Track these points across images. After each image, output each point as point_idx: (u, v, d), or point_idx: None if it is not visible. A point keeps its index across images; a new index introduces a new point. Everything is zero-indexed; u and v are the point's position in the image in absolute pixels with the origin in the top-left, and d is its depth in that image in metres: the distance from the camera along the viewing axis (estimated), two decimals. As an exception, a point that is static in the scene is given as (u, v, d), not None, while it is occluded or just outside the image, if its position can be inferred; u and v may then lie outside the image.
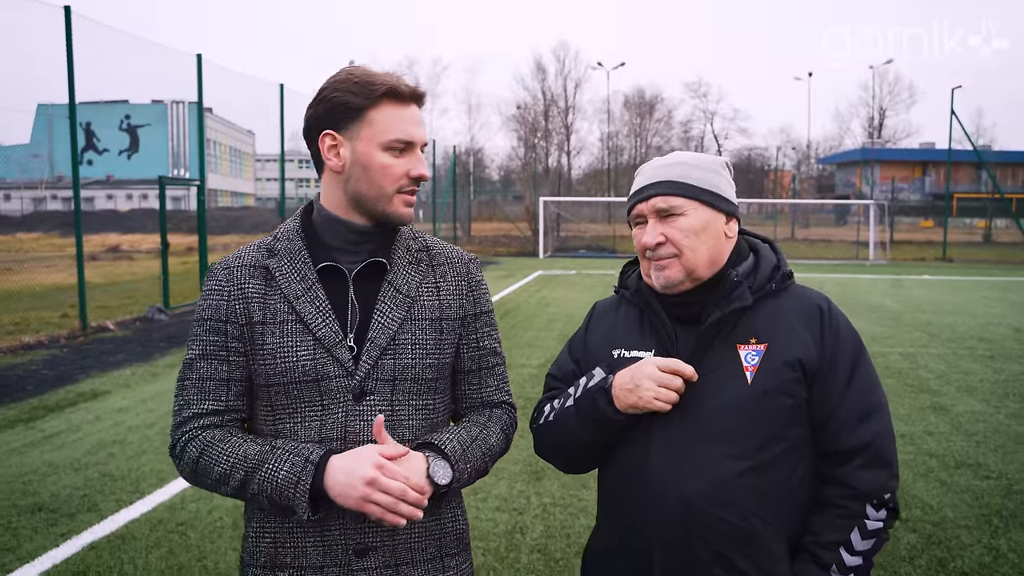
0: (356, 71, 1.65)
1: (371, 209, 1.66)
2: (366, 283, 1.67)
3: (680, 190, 1.74)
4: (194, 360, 1.66)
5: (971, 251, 33.88)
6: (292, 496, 1.55)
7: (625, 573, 1.78)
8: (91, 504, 4.99)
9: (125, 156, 57.77)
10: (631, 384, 1.70)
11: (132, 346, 10.67)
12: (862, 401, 1.72)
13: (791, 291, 1.81)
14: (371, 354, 1.64)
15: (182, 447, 1.64)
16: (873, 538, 1.67)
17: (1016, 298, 17.29)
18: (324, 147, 1.64)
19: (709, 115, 63.35)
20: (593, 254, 33.62)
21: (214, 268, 1.70)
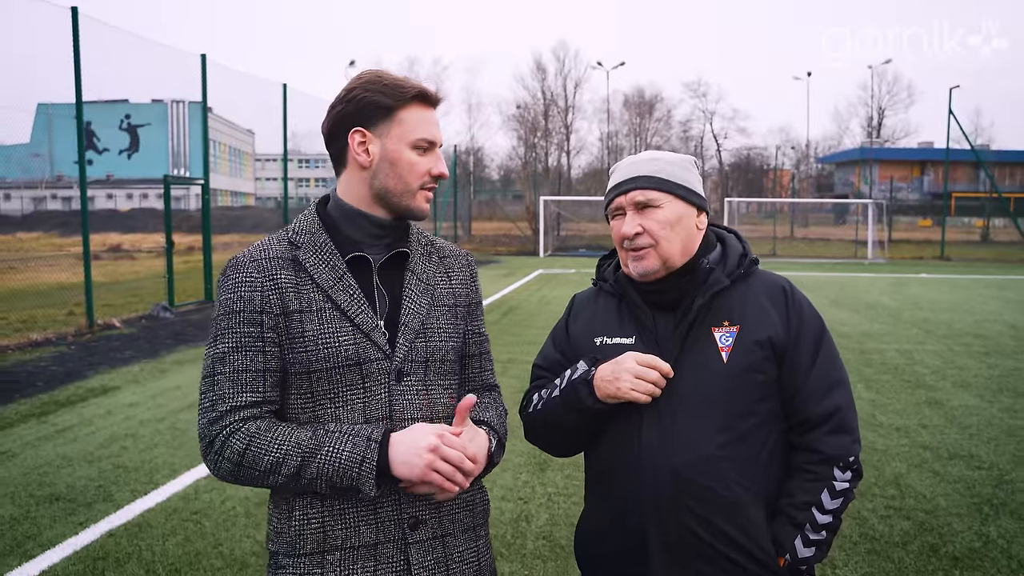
0: (383, 74, 1.76)
1: (395, 203, 1.75)
2: (388, 272, 1.77)
3: (657, 184, 1.89)
4: (226, 353, 1.66)
5: (969, 250, 34.02)
6: (357, 475, 1.60)
7: (619, 550, 1.92)
8: (106, 495, 5.13)
9: (125, 156, 57.82)
10: (611, 376, 1.85)
11: (139, 343, 10.81)
12: (826, 375, 1.89)
13: (756, 275, 1.97)
14: (406, 337, 1.73)
15: (223, 441, 1.64)
16: (841, 497, 1.85)
17: (1012, 296, 17.44)
18: (354, 143, 1.72)
19: (708, 115, 63.58)
20: (593, 253, 33.73)
21: (239, 262, 1.71)
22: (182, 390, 8.03)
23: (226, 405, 1.65)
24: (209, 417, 1.66)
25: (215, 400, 1.66)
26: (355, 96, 1.73)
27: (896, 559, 4.22)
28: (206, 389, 1.68)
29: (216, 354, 1.68)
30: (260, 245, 1.75)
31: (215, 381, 1.67)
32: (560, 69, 63.37)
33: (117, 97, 48.52)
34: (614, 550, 1.92)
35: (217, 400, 1.66)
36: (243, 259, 1.72)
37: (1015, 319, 13.39)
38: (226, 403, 1.65)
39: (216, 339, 1.69)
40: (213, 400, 1.66)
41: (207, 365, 1.69)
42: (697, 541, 1.82)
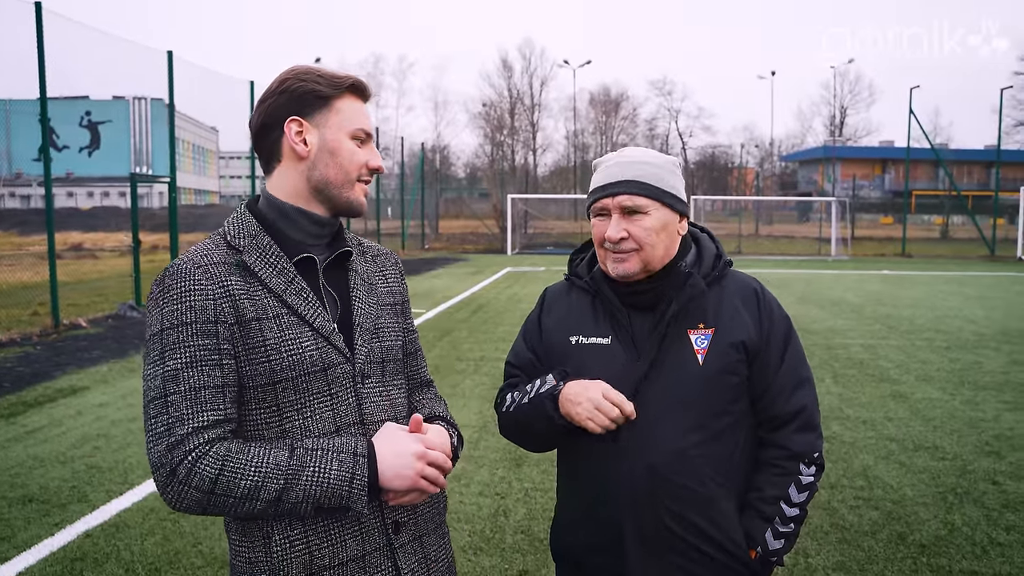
0: (313, 66, 1.71)
1: (334, 196, 1.67)
2: (330, 273, 1.71)
3: (646, 191, 1.89)
4: (179, 370, 1.51)
5: (929, 247, 34.72)
6: (348, 494, 1.54)
7: (594, 543, 1.96)
8: (81, 495, 5.09)
9: (86, 153, 56.86)
10: (575, 398, 1.86)
11: (107, 343, 10.68)
12: (794, 374, 1.95)
13: (729, 276, 2.00)
14: (363, 339, 1.69)
15: (189, 468, 1.48)
16: (807, 491, 1.92)
17: (971, 292, 17.84)
18: (291, 132, 1.64)
19: (674, 113, 64.02)
20: (560, 251, 33.86)
21: (181, 269, 1.56)
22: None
23: (186, 428, 1.49)
24: (166, 443, 1.49)
25: (171, 423, 1.49)
26: (289, 86, 1.66)
27: (866, 547, 4.34)
28: (157, 412, 1.50)
29: (167, 372, 1.51)
30: (199, 250, 1.62)
31: (168, 402, 1.50)
32: (526, 67, 63.48)
33: (77, 93, 47.73)
34: (589, 543, 1.96)
35: (174, 423, 1.49)
36: (185, 265, 1.57)
37: (974, 315, 13.71)
38: (185, 425, 1.49)
39: (163, 355, 1.52)
40: (169, 424, 1.49)
41: (155, 386, 1.52)
42: (672, 535, 1.88)
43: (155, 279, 1.61)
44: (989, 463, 5.76)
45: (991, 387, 8.15)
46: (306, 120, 1.66)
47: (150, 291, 1.61)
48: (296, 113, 1.65)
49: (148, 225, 26.51)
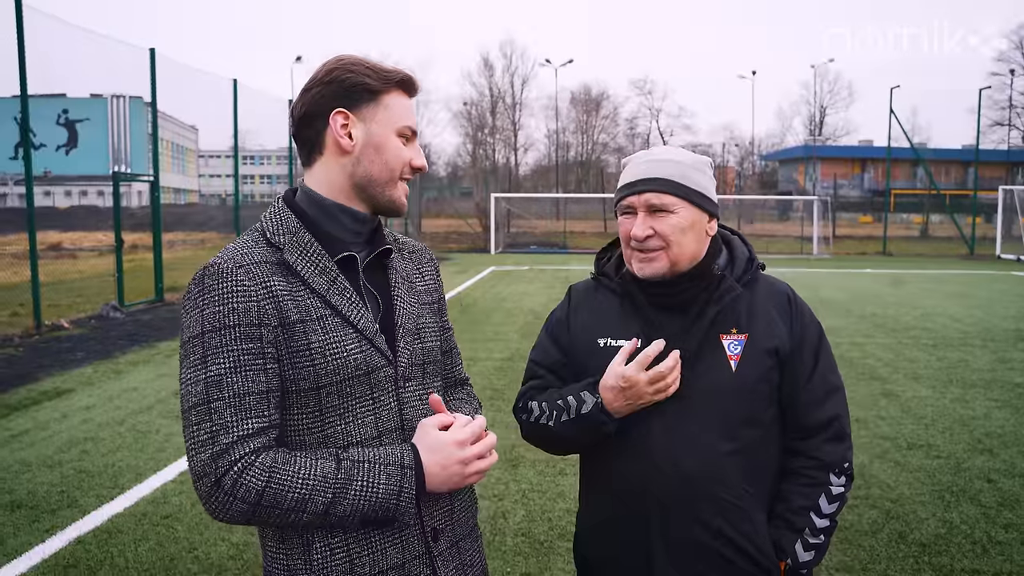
0: (362, 58, 1.65)
1: (376, 194, 1.63)
2: (369, 272, 1.66)
3: (673, 189, 1.84)
4: (223, 376, 1.46)
5: (909, 245, 35.01)
6: (395, 507, 1.51)
7: (621, 551, 1.92)
8: (71, 500, 4.99)
9: (63, 152, 56.08)
10: (627, 401, 1.82)
11: (90, 344, 10.53)
12: (825, 383, 1.92)
13: (760, 281, 1.96)
14: (406, 340, 1.64)
15: (235, 479, 1.43)
16: (838, 502, 1.88)
17: (952, 290, 18.01)
18: (336, 125, 1.58)
19: (655, 112, 64.14)
20: (544, 250, 33.87)
21: (222, 268, 1.50)
22: (139, 391, 7.86)
23: (231, 436, 1.45)
24: (210, 452, 1.44)
25: (215, 432, 1.45)
26: (337, 76, 1.59)
27: (867, 547, 4.34)
28: (200, 420, 1.46)
29: (210, 378, 1.46)
30: (239, 248, 1.56)
31: (212, 409, 1.45)
32: (507, 66, 63.43)
33: (54, 91, 47.07)
34: (616, 551, 1.92)
35: (219, 431, 1.45)
36: (226, 265, 1.51)
37: (957, 312, 13.82)
38: (230, 434, 1.45)
39: (205, 360, 1.47)
40: (213, 432, 1.45)
41: (197, 392, 1.47)
42: (700, 544, 1.84)
43: (193, 278, 1.54)
44: (983, 461, 5.78)
45: (979, 385, 8.20)
46: (353, 113, 1.60)
47: (187, 291, 1.54)
48: (343, 105, 1.59)
49: (127, 224, 26.14)
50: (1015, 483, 5.34)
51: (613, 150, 63.29)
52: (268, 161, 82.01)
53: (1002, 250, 31.01)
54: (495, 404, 7.27)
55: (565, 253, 33.13)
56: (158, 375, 8.63)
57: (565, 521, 4.68)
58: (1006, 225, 32.42)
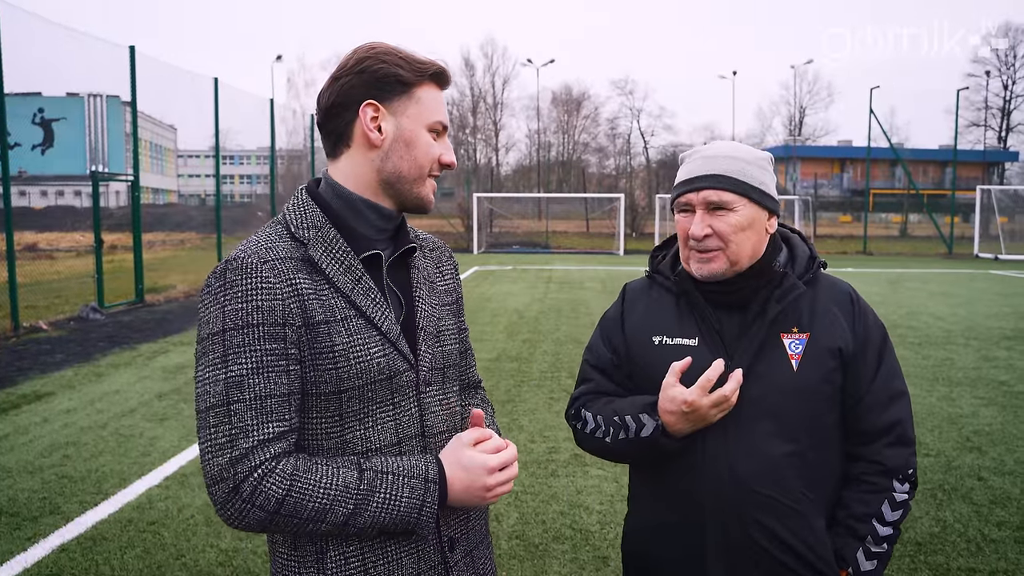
0: (395, 47, 1.57)
1: (404, 191, 1.57)
2: (392, 271, 1.60)
3: (733, 186, 1.79)
4: (244, 376, 1.40)
5: (888, 244, 35.32)
6: (417, 520, 1.47)
7: (675, 554, 1.86)
8: (53, 507, 4.88)
9: (39, 151, 55.46)
10: (690, 424, 1.78)
11: (70, 346, 10.37)
12: (888, 386, 1.85)
13: (822, 280, 1.90)
14: (427, 343, 1.59)
15: (254, 486, 1.38)
16: (901, 509, 1.81)
17: (935, 288, 18.15)
18: (366, 117, 1.52)
19: (635, 112, 64.16)
20: (527, 249, 33.83)
21: (246, 263, 1.44)
22: (122, 394, 7.73)
23: (251, 440, 1.39)
24: (229, 456, 1.38)
25: (235, 435, 1.39)
26: (369, 66, 1.52)
27: (863, 547, 4.31)
28: (218, 422, 1.40)
29: (230, 378, 1.40)
30: (262, 242, 1.49)
31: (232, 411, 1.40)
32: (488, 66, 63.30)
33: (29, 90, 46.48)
34: (670, 553, 1.87)
35: (238, 435, 1.39)
36: (249, 259, 1.45)
37: (939, 311, 13.92)
38: (251, 438, 1.39)
39: (226, 359, 1.41)
40: (232, 435, 1.39)
41: (216, 392, 1.41)
42: (757, 549, 1.78)
43: (214, 272, 1.47)
44: (972, 459, 5.79)
45: (965, 383, 8.23)
46: (383, 106, 1.53)
47: (206, 284, 1.47)
48: (374, 97, 1.53)
49: (106, 225, 25.84)
50: (1005, 480, 5.35)
51: (594, 150, 63.34)
52: (248, 161, 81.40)
53: (980, 249, 31.34)
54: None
55: (548, 253, 33.12)
56: (140, 377, 8.50)
57: (559, 523, 4.63)
58: (983, 224, 32.77)
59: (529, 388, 7.97)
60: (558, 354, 9.75)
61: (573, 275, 22.13)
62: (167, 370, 8.88)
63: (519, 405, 7.28)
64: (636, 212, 42.91)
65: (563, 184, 58.82)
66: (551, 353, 9.82)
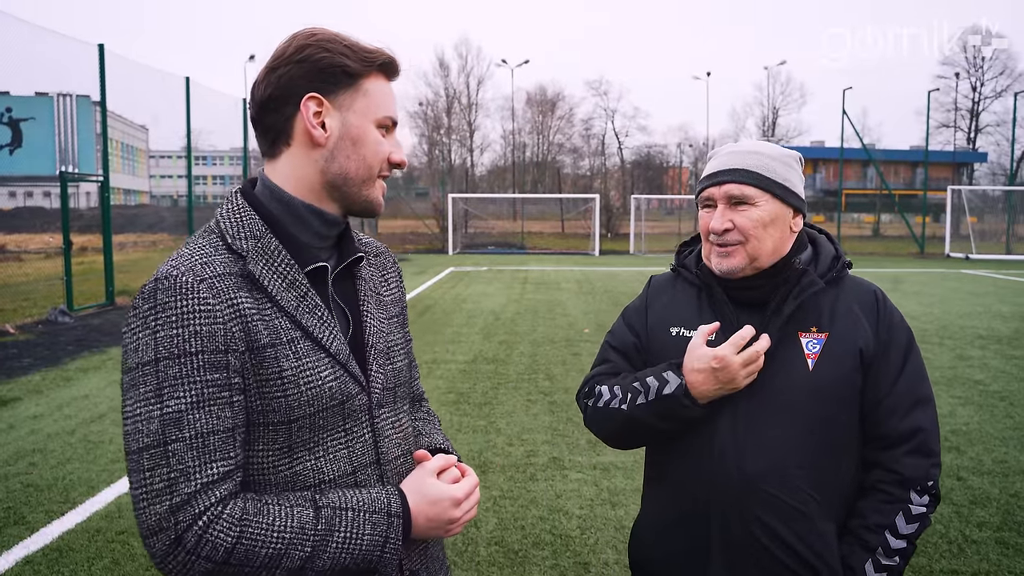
0: (339, 34, 1.42)
1: (351, 193, 1.43)
2: (337, 283, 1.48)
3: (755, 180, 1.76)
4: (183, 412, 1.25)
5: (861, 244, 35.64)
6: (380, 557, 1.37)
7: (680, 554, 1.83)
8: (18, 517, 4.73)
9: (7, 151, 54.63)
10: (717, 385, 1.74)
11: (38, 350, 10.14)
12: (912, 391, 1.79)
13: (847, 280, 1.86)
14: (378, 363, 1.47)
15: (199, 535, 1.24)
16: (917, 522, 1.74)
17: (908, 288, 18.31)
18: (308, 112, 1.37)
19: (610, 113, 64.32)
20: (502, 250, 33.77)
21: (179, 282, 1.28)
22: (91, 399, 7.55)
23: (193, 484, 1.24)
24: (169, 504, 1.23)
25: (174, 479, 1.24)
26: (310, 55, 1.37)
27: (846, 550, 4.28)
28: (154, 464, 1.24)
29: (166, 415, 1.25)
30: (196, 256, 1.33)
31: (169, 452, 1.24)
32: (463, 66, 63.24)
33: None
34: (675, 553, 1.85)
35: (178, 479, 1.24)
36: (183, 278, 1.28)
37: (913, 310, 14.02)
38: (192, 481, 1.24)
39: (160, 393, 1.25)
40: (171, 479, 1.24)
41: (151, 430, 1.25)
42: (759, 548, 1.75)
43: (142, 292, 1.30)
44: (951, 459, 5.80)
45: (941, 382, 8.26)
46: (327, 99, 1.39)
47: (134, 307, 1.31)
48: (316, 90, 1.38)
49: (75, 226, 25.40)
50: (984, 480, 5.36)
51: (569, 151, 63.45)
52: (221, 161, 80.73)
53: (951, 249, 31.71)
54: (460, 408, 7.13)
55: (523, 253, 33.07)
56: (110, 382, 8.32)
57: (539, 529, 4.56)
58: (954, 224, 33.16)
59: (506, 390, 7.89)
60: (535, 356, 9.69)
61: (549, 276, 22.10)
62: (138, 374, 8.69)
63: (496, 408, 7.20)
64: (611, 213, 42.99)
65: (538, 185, 58.86)
66: (528, 355, 9.75)
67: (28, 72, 16.52)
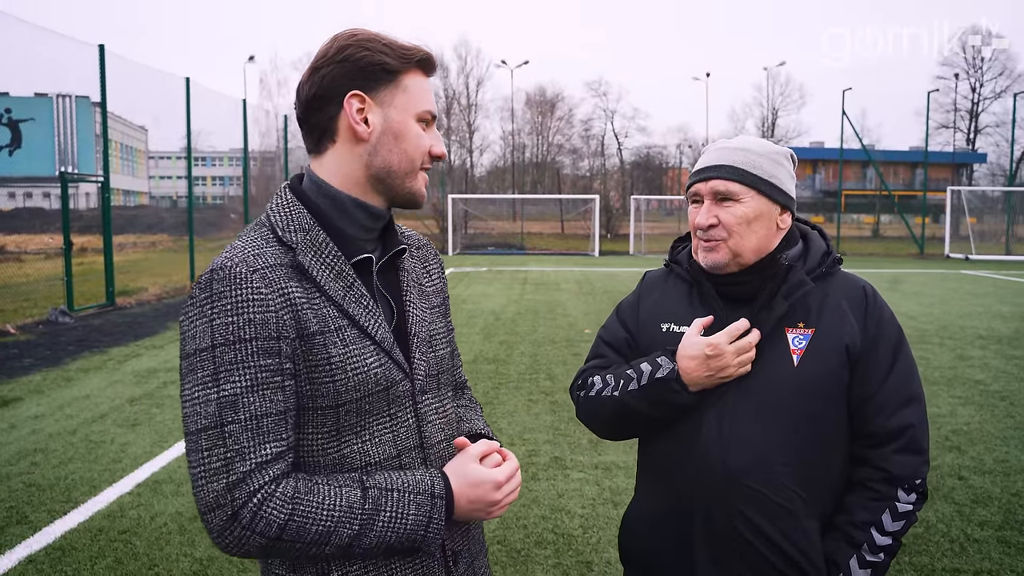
0: (377, 33, 1.49)
1: (395, 186, 1.49)
2: (381, 274, 1.53)
3: (740, 177, 1.78)
4: (239, 396, 1.32)
5: (861, 245, 35.64)
6: (423, 537, 1.42)
7: (665, 545, 1.85)
8: (20, 516, 4.73)
9: (6, 152, 54.63)
10: (708, 372, 1.76)
11: (39, 350, 10.14)
12: (901, 388, 1.78)
13: (837, 276, 1.87)
14: (421, 350, 1.53)
15: (254, 511, 1.30)
16: (903, 520, 1.74)
17: (908, 289, 18.32)
18: (351, 109, 1.43)
19: (609, 114, 64.33)
20: (502, 251, 33.78)
21: (234, 273, 1.35)
22: (92, 399, 7.56)
23: (248, 463, 1.31)
24: (226, 481, 1.31)
25: (230, 458, 1.31)
26: (351, 55, 1.44)
27: (848, 549, 4.29)
28: (212, 445, 1.31)
29: (223, 398, 1.32)
30: (249, 248, 1.40)
31: (226, 433, 1.31)
32: (462, 67, 63.30)
33: (-4, 90, 45.71)
34: (660, 544, 1.86)
35: (234, 458, 1.31)
36: (237, 268, 1.35)
37: (913, 311, 14.03)
38: (248, 461, 1.31)
39: (217, 377, 1.33)
40: (227, 458, 1.31)
41: (208, 413, 1.32)
42: (742, 542, 1.75)
43: (199, 282, 1.37)
44: (952, 458, 5.81)
45: (941, 382, 8.28)
46: (369, 96, 1.45)
47: (191, 296, 1.38)
48: (359, 87, 1.44)
49: (75, 227, 25.40)
50: (985, 480, 5.36)
51: (568, 151, 63.43)
52: (220, 162, 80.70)
53: (951, 249, 31.74)
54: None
55: (523, 254, 33.08)
56: (111, 382, 8.33)
57: (540, 528, 4.57)
58: (954, 225, 33.18)
59: (507, 390, 7.90)
60: (536, 356, 9.70)
61: (549, 276, 22.11)
62: (138, 374, 8.71)
63: (497, 408, 7.20)
64: (611, 213, 42.99)
65: (537, 185, 58.86)
66: (529, 355, 9.76)
67: (27, 73, 16.53)
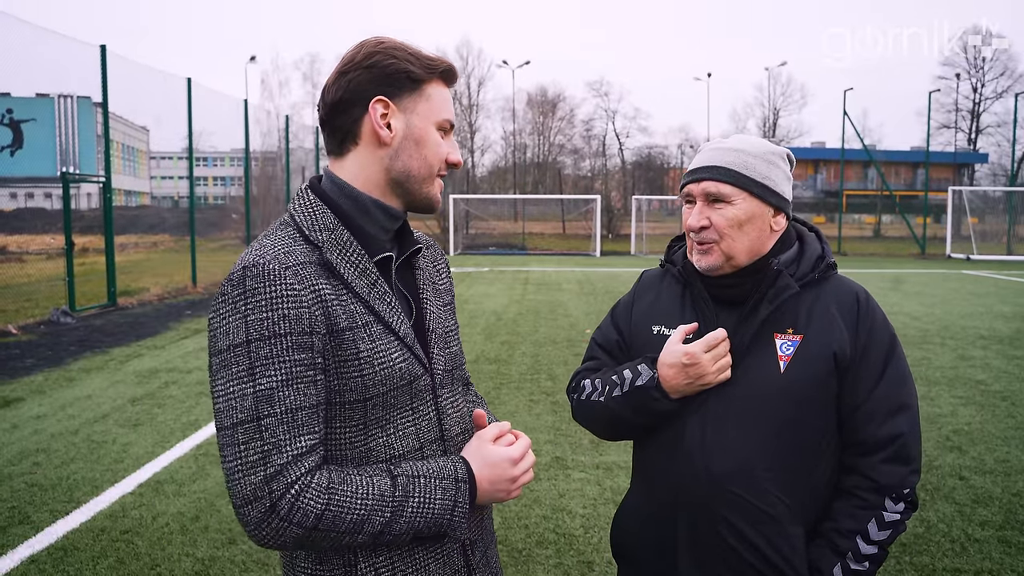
0: (402, 42, 1.55)
1: (413, 190, 1.54)
2: (399, 272, 1.59)
3: (732, 178, 1.75)
4: (274, 389, 1.35)
5: (862, 245, 35.65)
6: (449, 522, 1.46)
7: (652, 537, 1.87)
8: (22, 516, 4.74)
9: (8, 152, 54.64)
10: (687, 380, 1.76)
11: (40, 350, 10.16)
12: (892, 396, 1.75)
13: (831, 280, 1.84)
14: (438, 346, 1.58)
15: (291, 503, 1.34)
16: (890, 529, 1.72)
17: (909, 288, 18.32)
18: (376, 114, 1.49)
19: (610, 114, 64.30)
20: (503, 251, 33.79)
21: (267, 270, 1.39)
22: (94, 399, 7.57)
23: (285, 456, 1.34)
24: (264, 474, 1.33)
25: (267, 451, 1.34)
26: (379, 62, 1.49)
27: (849, 549, 4.29)
28: (248, 438, 1.34)
29: (259, 392, 1.35)
30: (279, 246, 1.44)
31: (262, 426, 1.34)
32: (464, 68, 63.21)
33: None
34: (646, 544, 1.88)
35: (271, 451, 1.34)
36: (270, 265, 1.39)
37: (914, 310, 14.03)
38: (284, 453, 1.34)
39: (253, 372, 1.36)
40: (264, 451, 1.34)
41: (244, 407, 1.35)
42: (726, 548, 1.75)
43: (230, 279, 1.40)
44: (953, 458, 5.81)
45: (942, 382, 8.28)
46: (393, 102, 1.50)
47: (222, 291, 1.40)
48: (384, 93, 1.49)
49: (77, 227, 25.40)
50: (986, 480, 5.37)
51: (570, 151, 63.37)
52: (222, 163, 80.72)
53: (952, 249, 31.74)
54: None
55: (524, 254, 33.09)
56: (113, 382, 8.34)
57: (542, 528, 4.57)
58: (955, 225, 33.18)
59: (509, 390, 7.90)
60: (537, 356, 9.70)
61: (550, 276, 22.11)
62: (140, 374, 8.72)
63: (499, 408, 7.21)
64: (612, 214, 43.01)
65: (539, 186, 58.83)
66: (530, 355, 9.76)
67: (29, 73, 16.51)
